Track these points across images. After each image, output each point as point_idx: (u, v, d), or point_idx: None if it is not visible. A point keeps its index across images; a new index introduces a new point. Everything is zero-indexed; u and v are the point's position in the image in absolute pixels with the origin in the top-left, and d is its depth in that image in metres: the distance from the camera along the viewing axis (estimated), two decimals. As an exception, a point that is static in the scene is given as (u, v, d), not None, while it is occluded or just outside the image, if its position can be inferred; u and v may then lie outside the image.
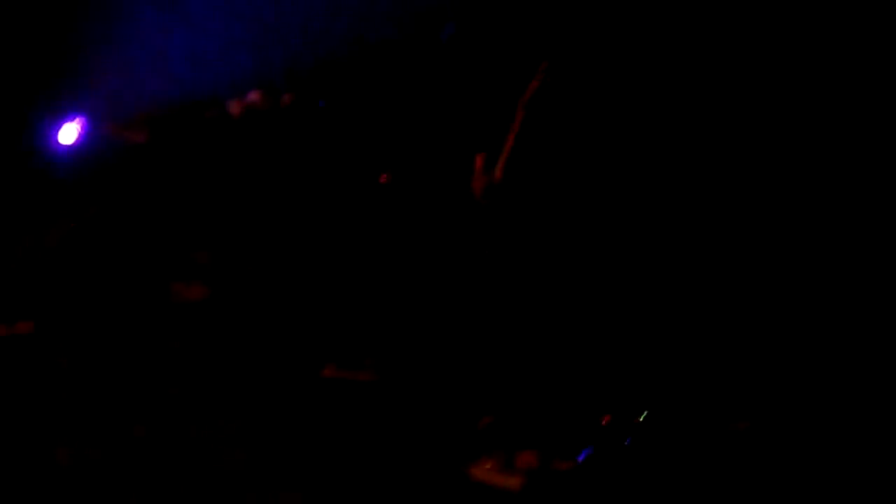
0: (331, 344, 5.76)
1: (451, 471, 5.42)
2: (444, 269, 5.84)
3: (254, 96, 5.88)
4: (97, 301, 5.80)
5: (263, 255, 5.85)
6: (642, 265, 5.76)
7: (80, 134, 5.67)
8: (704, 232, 5.74)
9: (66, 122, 5.67)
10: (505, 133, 5.75)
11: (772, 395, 5.44)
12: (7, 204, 5.85)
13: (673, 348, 5.65)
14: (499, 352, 5.72)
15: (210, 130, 5.88)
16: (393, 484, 5.44)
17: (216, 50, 5.90)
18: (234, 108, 5.88)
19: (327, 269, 5.84)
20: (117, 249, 5.83)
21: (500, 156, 5.73)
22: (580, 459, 5.42)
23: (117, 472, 5.41)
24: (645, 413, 5.45)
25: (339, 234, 5.86)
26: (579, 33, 5.93)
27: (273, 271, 5.84)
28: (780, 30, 5.75)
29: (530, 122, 5.76)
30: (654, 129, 5.81)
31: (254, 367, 5.73)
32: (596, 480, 5.35)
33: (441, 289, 5.84)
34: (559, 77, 5.82)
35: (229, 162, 5.89)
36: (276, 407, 5.66)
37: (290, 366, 5.74)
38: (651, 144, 5.81)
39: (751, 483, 5.21)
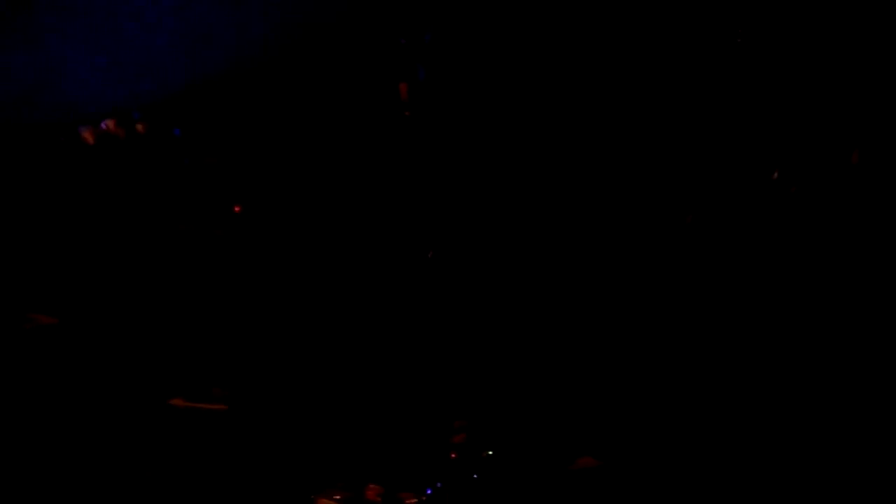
0: (179, 373, 5.73)
1: (297, 502, 5.41)
2: (294, 299, 5.85)
3: (108, 123, 5.85)
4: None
5: (112, 281, 5.81)
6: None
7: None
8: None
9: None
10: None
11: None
12: None
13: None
14: (350, 381, 5.73)
15: (64, 156, 5.84)
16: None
17: (70, 76, 5.85)
18: (87, 135, 5.84)
19: (175, 297, 5.81)
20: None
21: None
22: (428, 493, 5.42)
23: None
24: (491, 450, 5.47)
25: (190, 262, 5.84)
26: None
27: (121, 299, 5.80)
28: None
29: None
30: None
31: (101, 396, 5.69)
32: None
33: (292, 317, 5.84)
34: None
35: (83, 189, 5.85)
36: (123, 437, 5.63)
37: (138, 395, 5.70)
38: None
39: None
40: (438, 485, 5.43)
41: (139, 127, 5.84)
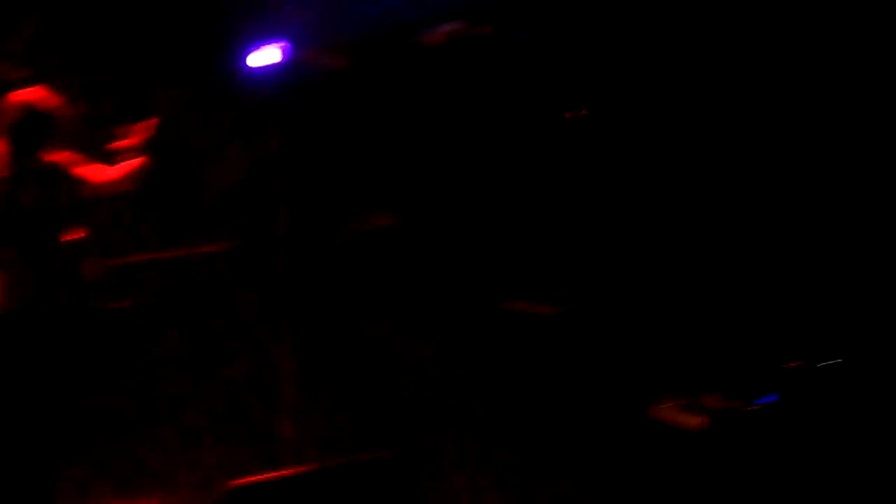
0: (516, 277, 5.81)
1: (632, 410, 5.42)
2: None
3: (455, 26, 5.92)
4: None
5: (452, 186, 5.91)
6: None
7: (282, 58, 5.76)
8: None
9: (269, 45, 5.77)
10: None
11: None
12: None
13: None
14: (686, 293, 5.70)
15: (411, 59, 5.95)
16: (573, 421, 5.49)
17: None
18: (435, 37, 5.93)
19: (515, 203, 5.87)
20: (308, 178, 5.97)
21: None
22: (762, 403, 5.36)
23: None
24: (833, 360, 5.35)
25: (526, 169, 5.89)
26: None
27: (461, 205, 5.90)
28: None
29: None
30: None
31: (436, 299, 5.83)
32: (777, 426, 5.28)
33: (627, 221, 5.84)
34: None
35: (428, 92, 5.95)
36: (460, 337, 5.76)
37: (476, 299, 5.81)
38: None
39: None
40: (775, 396, 5.37)
41: (485, 29, 5.91)
